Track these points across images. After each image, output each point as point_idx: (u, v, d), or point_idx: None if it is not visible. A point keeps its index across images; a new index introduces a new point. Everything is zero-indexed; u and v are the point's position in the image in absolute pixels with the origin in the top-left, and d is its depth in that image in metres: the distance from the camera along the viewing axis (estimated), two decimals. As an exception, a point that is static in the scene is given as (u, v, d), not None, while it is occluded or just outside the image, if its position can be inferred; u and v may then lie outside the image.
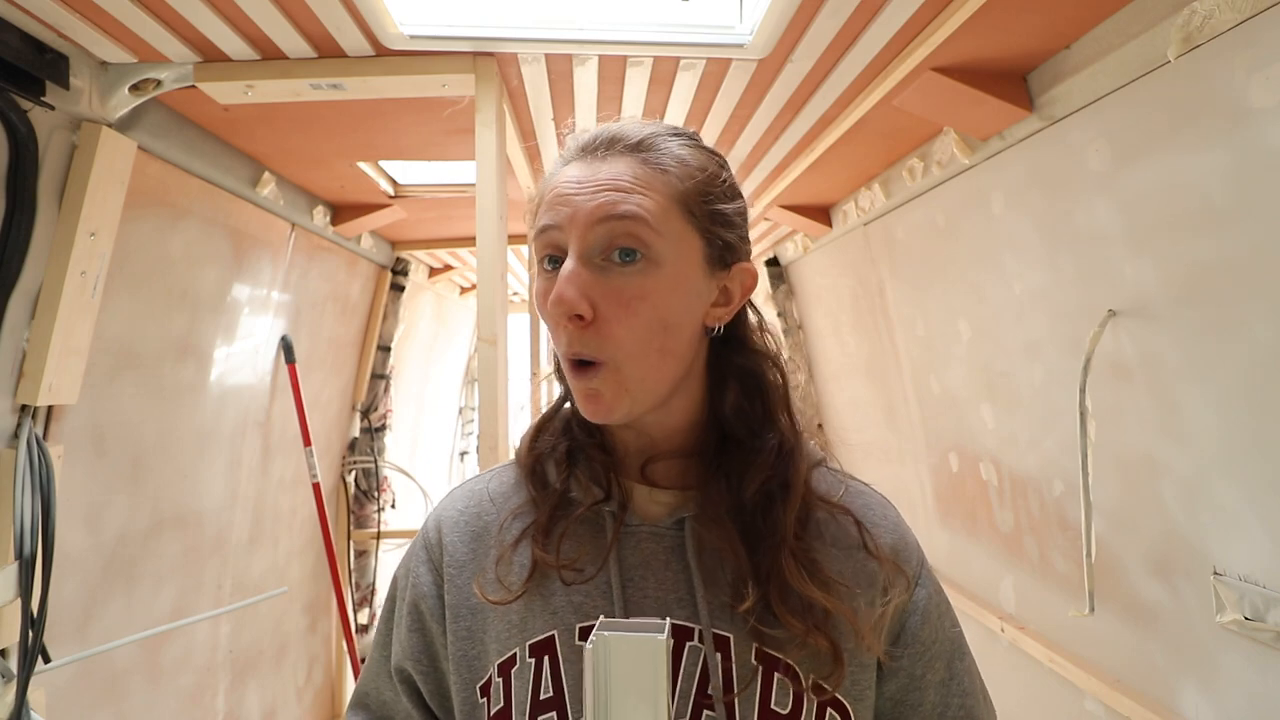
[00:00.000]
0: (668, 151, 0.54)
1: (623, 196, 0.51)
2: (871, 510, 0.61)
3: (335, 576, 2.37)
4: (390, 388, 2.90)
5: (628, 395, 0.53)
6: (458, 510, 0.63)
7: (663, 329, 0.52)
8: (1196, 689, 1.08)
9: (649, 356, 0.52)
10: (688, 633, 0.53)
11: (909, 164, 1.58)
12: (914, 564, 0.59)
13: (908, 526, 0.62)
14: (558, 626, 0.54)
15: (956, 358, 1.62)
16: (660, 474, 0.59)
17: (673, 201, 0.53)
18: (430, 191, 2.07)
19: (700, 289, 0.55)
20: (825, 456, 0.64)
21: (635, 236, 0.51)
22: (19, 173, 1.05)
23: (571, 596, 0.55)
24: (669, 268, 0.52)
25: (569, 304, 0.50)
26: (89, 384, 1.24)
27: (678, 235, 0.53)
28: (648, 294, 0.51)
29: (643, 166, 0.53)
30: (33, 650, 1.08)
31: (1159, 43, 0.88)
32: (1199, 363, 0.97)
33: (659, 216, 0.52)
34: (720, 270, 0.56)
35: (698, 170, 0.55)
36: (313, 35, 1.11)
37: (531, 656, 0.53)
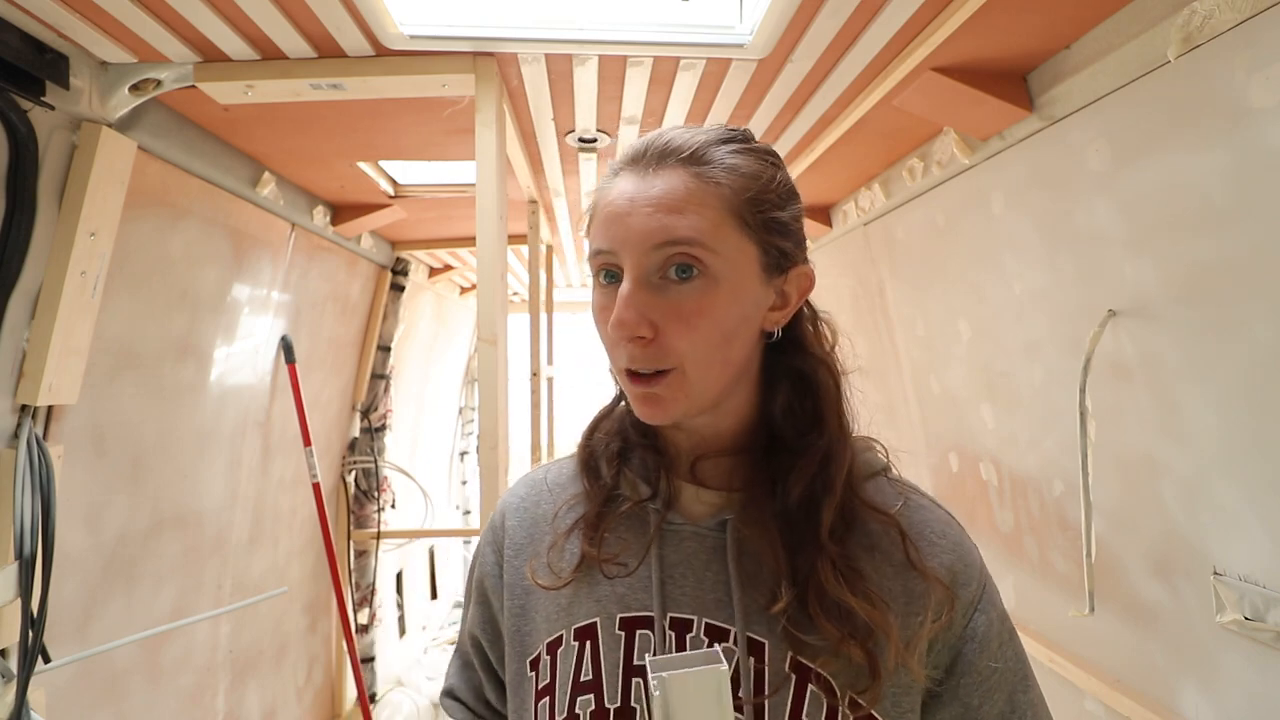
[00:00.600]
0: (720, 162, 0.53)
1: (676, 219, 0.51)
2: (929, 527, 0.57)
3: (335, 576, 2.37)
4: (390, 388, 2.90)
5: (686, 399, 0.54)
6: (519, 498, 0.68)
7: (724, 341, 0.53)
8: (1196, 689, 1.08)
9: (713, 367, 0.53)
10: (723, 634, 0.54)
11: (909, 164, 1.58)
12: (973, 588, 0.55)
13: (972, 547, 0.58)
14: (601, 614, 0.57)
15: (956, 358, 1.62)
16: (708, 473, 0.59)
17: (726, 215, 0.52)
18: (430, 191, 2.07)
19: (758, 297, 0.55)
20: (887, 466, 0.61)
21: (691, 255, 0.51)
22: (19, 173, 1.05)
23: (615, 587, 0.57)
24: (726, 281, 0.52)
25: (630, 326, 0.51)
26: (89, 384, 1.24)
27: (733, 248, 0.52)
28: (706, 309, 0.52)
29: (695, 180, 0.52)
30: (33, 650, 1.08)
31: (1159, 43, 0.88)
32: (1199, 363, 0.97)
33: (713, 234, 0.51)
34: (777, 276, 0.56)
35: (751, 179, 0.54)
36: (313, 35, 1.11)
37: (576, 640, 0.57)
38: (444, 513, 4.02)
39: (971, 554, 0.57)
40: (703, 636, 0.54)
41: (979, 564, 0.57)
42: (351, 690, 2.70)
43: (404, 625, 3.39)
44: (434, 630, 3.94)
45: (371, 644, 2.83)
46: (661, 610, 0.55)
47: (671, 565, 0.57)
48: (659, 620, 0.55)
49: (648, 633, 0.55)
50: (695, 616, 0.55)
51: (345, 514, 2.70)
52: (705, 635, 0.54)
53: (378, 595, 2.89)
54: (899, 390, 2.00)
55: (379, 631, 2.91)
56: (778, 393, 0.59)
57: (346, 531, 2.69)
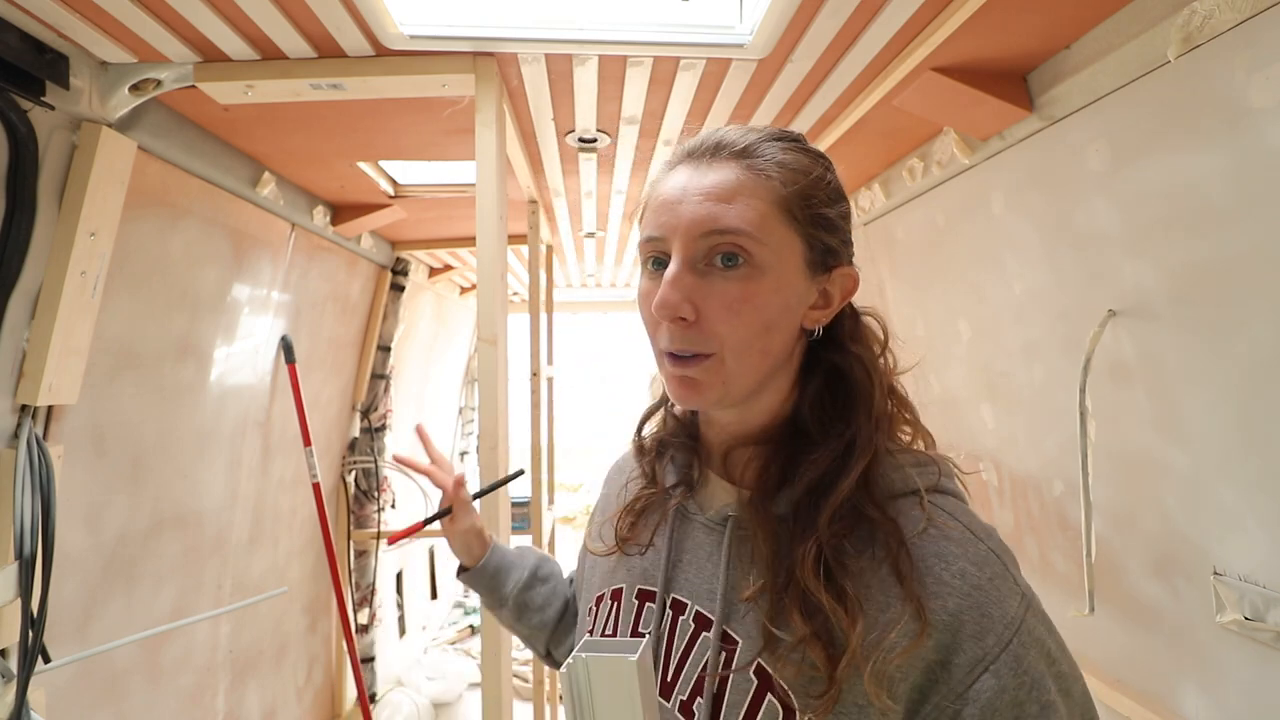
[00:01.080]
0: (770, 157, 0.55)
1: (724, 209, 0.53)
2: (946, 561, 0.50)
3: (335, 576, 2.37)
4: (390, 388, 2.90)
5: (722, 386, 0.56)
6: (612, 466, 0.81)
7: (765, 330, 0.54)
8: (1196, 689, 1.08)
9: (751, 355, 0.55)
10: (708, 624, 0.57)
11: (909, 164, 1.58)
12: (988, 643, 0.47)
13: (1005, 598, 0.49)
14: (627, 581, 0.65)
15: (956, 358, 1.62)
16: (735, 464, 0.62)
17: (774, 207, 0.54)
18: (430, 191, 2.07)
19: (801, 292, 0.56)
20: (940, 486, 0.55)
21: (738, 245, 0.53)
22: (19, 173, 1.05)
23: (642, 562, 0.65)
24: (771, 272, 0.54)
25: (672, 307, 0.53)
26: (89, 384, 1.24)
27: (779, 240, 0.54)
28: (750, 297, 0.53)
29: (746, 173, 0.54)
30: (33, 650, 1.08)
31: (1159, 43, 0.88)
32: (1199, 362, 0.97)
33: (760, 224, 0.53)
34: (821, 274, 0.57)
35: (801, 174, 0.55)
36: (313, 35, 1.11)
37: (610, 600, 0.66)
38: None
39: (998, 605, 0.48)
40: (691, 622, 0.58)
41: (1009, 620, 0.48)
42: (351, 690, 2.70)
43: (404, 625, 3.39)
44: (434, 630, 3.94)
45: (371, 644, 2.83)
46: (664, 590, 0.61)
47: (681, 551, 0.62)
48: (660, 597, 0.61)
49: (653, 606, 0.62)
50: (690, 602, 0.59)
51: (345, 514, 2.70)
52: (694, 621, 0.58)
53: (378, 595, 2.89)
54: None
55: (379, 631, 2.91)
56: (809, 388, 0.59)
57: (346, 531, 2.69)
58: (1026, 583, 0.51)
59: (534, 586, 0.86)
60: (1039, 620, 0.50)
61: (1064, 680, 0.49)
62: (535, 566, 0.88)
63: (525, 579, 0.86)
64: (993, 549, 0.51)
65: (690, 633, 0.58)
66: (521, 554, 0.90)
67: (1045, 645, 0.49)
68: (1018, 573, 0.51)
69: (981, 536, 0.52)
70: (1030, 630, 0.49)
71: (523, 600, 0.85)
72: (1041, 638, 0.49)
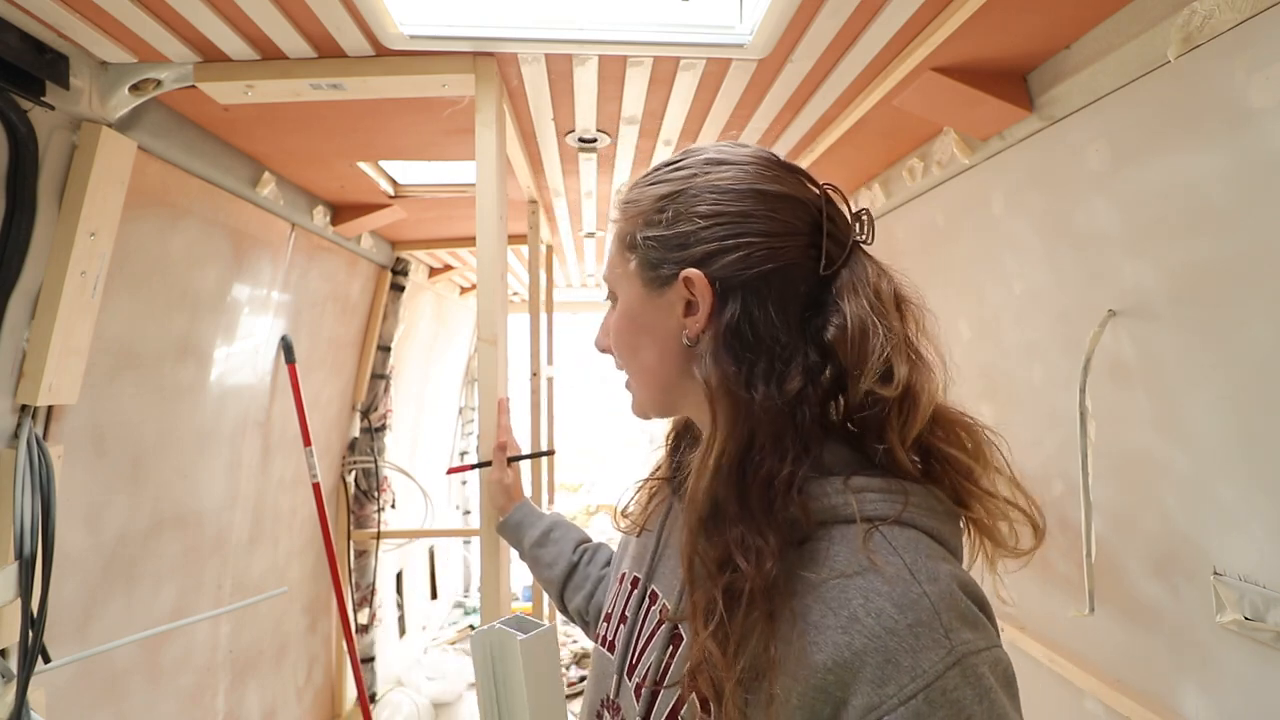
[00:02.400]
0: (625, 201, 0.63)
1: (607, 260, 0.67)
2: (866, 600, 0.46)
3: (335, 576, 2.37)
4: (390, 388, 2.90)
5: (637, 402, 0.66)
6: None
7: (631, 350, 0.64)
8: (1196, 689, 1.08)
9: (635, 374, 0.65)
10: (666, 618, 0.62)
11: (909, 164, 1.58)
12: (888, 690, 0.43)
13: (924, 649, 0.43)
14: (629, 566, 0.72)
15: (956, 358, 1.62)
16: None
17: (616, 245, 0.64)
18: (430, 191, 2.07)
19: (651, 309, 0.60)
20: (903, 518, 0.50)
21: (608, 290, 0.66)
22: (19, 173, 1.05)
23: (641, 549, 0.71)
24: (621, 300, 0.64)
25: (595, 343, 0.69)
26: (89, 384, 1.24)
27: (621, 272, 0.63)
28: (612, 325, 0.65)
29: (613, 225, 0.65)
30: (33, 650, 1.08)
31: (1159, 43, 0.88)
32: (1199, 362, 0.97)
33: (609, 266, 0.65)
34: (663, 286, 0.59)
35: (638, 205, 0.61)
36: (313, 35, 1.11)
37: (618, 582, 0.73)
38: (444, 513, 4.02)
39: (910, 655, 0.43)
40: (658, 613, 0.63)
41: (919, 672, 0.42)
42: (351, 690, 2.70)
43: (404, 625, 3.39)
44: (434, 630, 3.94)
45: (371, 644, 2.83)
46: (646, 579, 0.67)
47: (667, 545, 0.68)
48: (642, 585, 0.67)
49: (636, 592, 0.67)
50: (661, 594, 0.64)
51: (345, 514, 2.70)
52: (659, 613, 0.63)
53: (378, 595, 2.89)
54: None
55: (379, 631, 2.91)
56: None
57: (346, 531, 2.69)
58: (974, 640, 0.45)
59: (543, 545, 0.99)
60: (969, 684, 0.43)
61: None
62: (548, 528, 1.01)
63: (537, 537, 1.00)
64: (928, 594, 0.45)
65: (655, 623, 0.63)
66: (542, 516, 1.04)
67: (966, 712, 0.42)
68: (960, 626, 0.44)
69: (921, 579, 0.46)
70: (947, 691, 0.42)
71: (534, 555, 1.00)
72: (962, 703, 0.42)
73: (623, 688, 0.64)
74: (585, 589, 0.92)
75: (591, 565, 0.95)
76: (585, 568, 0.95)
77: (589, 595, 0.91)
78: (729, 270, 0.54)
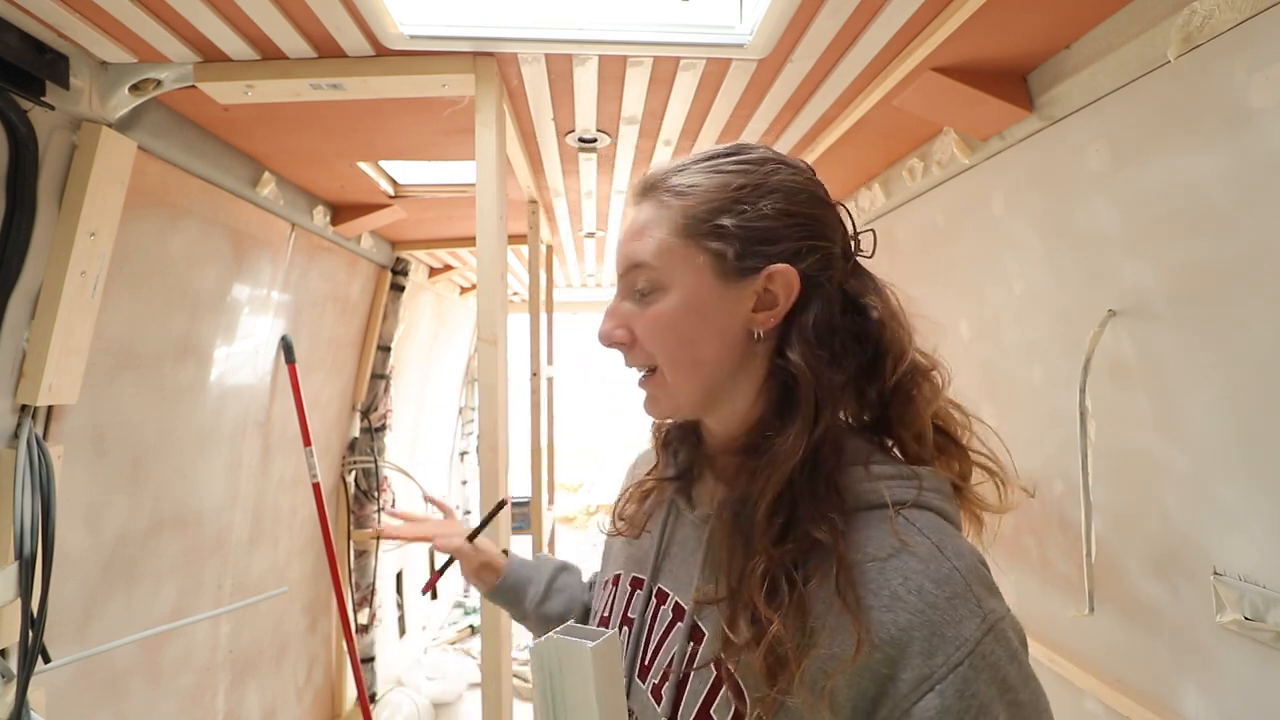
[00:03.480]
0: (675, 186, 0.59)
1: (635, 245, 0.60)
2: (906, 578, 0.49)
3: (335, 576, 2.37)
4: (390, 388, 2.90)
5: (669, 399, 0.61)
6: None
7: (688, 343, 0.59)
8: (1196, 689, 1.08)
9: (682, 368, 0.59)
10: (681, 615, 0.61)
11: (909, 164, 1.58)
12: (936, 661, 0.46)
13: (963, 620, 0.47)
14: (624, 568, 0.71)
15: (956, 358, 1.62)
16: (721, 468, 0.65)
17: (672, 233, 0.58)
18: (430, 191, 2.07)
19: (721, 301, 0.58)
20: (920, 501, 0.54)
21: (644, 277, 0.59)
22: (19, 173, 1.05)
23: (637, 550, 0.70)
24: (677, 290, 0.58)
25: (604, 335, 0.63)
26: (89, 384, 1.24)
27: (680, 261, 0.58)
28: (660, 317, 0.59)
29: (652, 207, 0.60)
30: (33, 650, 1.08)
31: (1159, 43, 0.88)
32: (1199, 362, 0.97)
33: (657, 252, 0.59)
34: (743, 279, 0.57)
35: (707, 192, 0.58)
36: (313, 35, 1.11)
37: (612, 585, 0.72)
38: (444, 513, 4.02)
39: (953, 625, 0.47)
40: (670, 611, 0.62)
41: (962, 640, 0.47)
42: (351, 690, 2.70)
43: (404, 625, 3.39)
44: (434, 630, 3.94)
45: (371, 644, 2.83)
46: (651, 579, 0.66)
47: (671, 544, 0.67)
48: (647, 586, 0.66)
49: (641, 593, 0.66)
50: (671, 592, 0.63)
51: (345, 514, 2.70)
52: (671, 611, 0.62)
53: (378, 595, 2.89)
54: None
55: (379, 631, 2.91)
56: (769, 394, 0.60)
57: (346, 531, 2.69)
58: (997, 607, 0.49)
59: (549, 599, 0.90)
60: (1001, 646, 0.48)
61: (1019, 710, 0.47)
62: (550, 578, 0.91)
63: (541, 592, 0.90)
64: (958, 569, 0.49)
65: (668, 622, 0.62)
66: (539, 566, 0.93)
67: (1002, 672, 0.47)
68: (986, 595, 0.49)
69: (950, 555, 0.50)
70: (986, 655, 0.47)
71: (541, 613, 0.89)
72: (998, 664, 0.47)
73: (635, 690, 0.63)
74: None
75: None
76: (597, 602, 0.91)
77: None
78: (811, 270, 0.58)
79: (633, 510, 0.72)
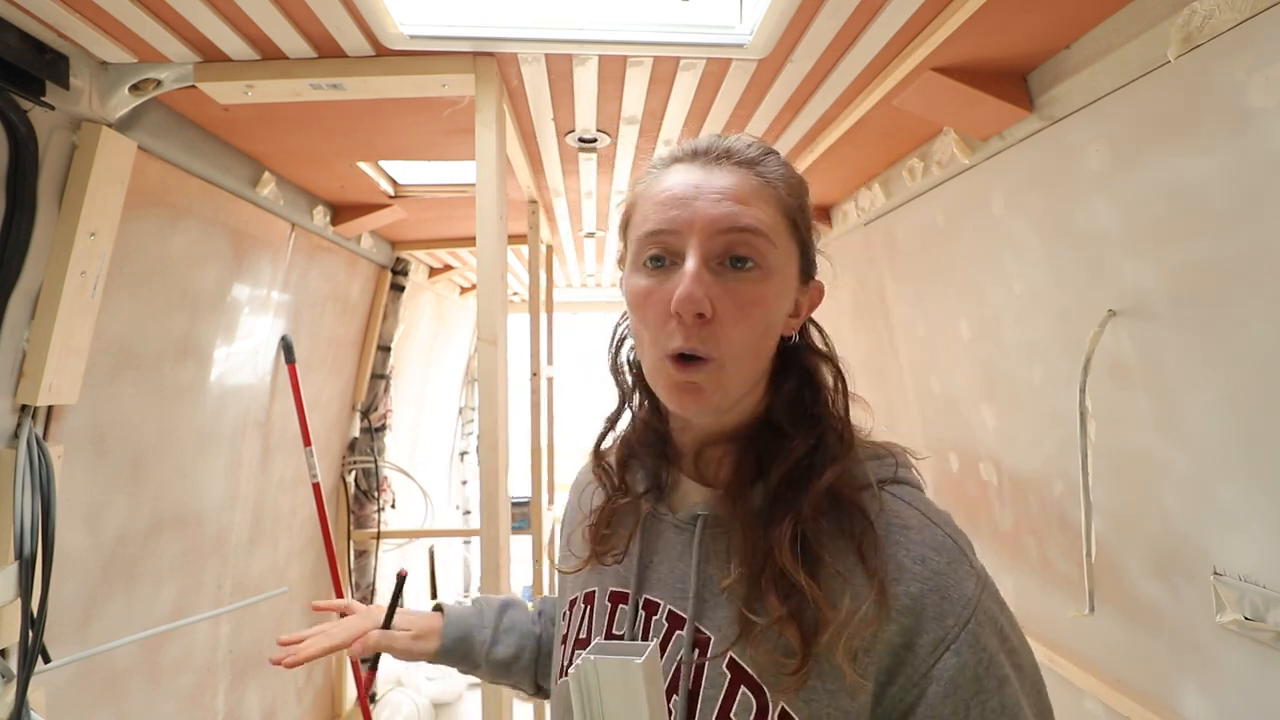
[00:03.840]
0: (774, 168, 0.58)
1: (742, 209, 0.54)
2: (907, 549, 0.52)
3: (335, 576, 2.37)
4: (390, 388, 2.90)
5: (722, 391, 0.55)
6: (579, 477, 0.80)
7: (765, 333, 0.57)
8: (1196, 689, 1.08)
9: (748, 358, 0.56)
10: (681, 622, 0.58)
11: (909, 164, 1.58)
12: (949, 623, 0.49)
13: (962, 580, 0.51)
14: (599, 585, 0.66)
15: (956, 358, 1.62)
16: (708, 464, 0.63)
17: (782, 215, 0.57)
18: (430, 191, 2.07)
19: (792, 299, 0.60)
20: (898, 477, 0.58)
21: (753, 246, 0.54)
22: (19, 173, 1.05)
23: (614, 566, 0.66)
24: (777, 276, 0.56)
25: (696, 302, 0.52)
26: (89, 384, 1.24)
27: (785, 248, 0.57)
28: (760, 300, 0.55)
29: (756, 179, 0.56)
30: (33, 650, 1.08)
31: (1159, 43, 0.88)
32: (1199, 362, 0.97)
33: (773, 229, 0.55)
34: (804, 284, 0.61)
35: (799, 188, 0.60)
36: (313, 35, 1.11)
37: (584, 603, 0.67)
38: (444, 513, 4.02)
39: (956, 587, 0.51)
40: (664, 621, 0.59)
41: (966, 599, 0.50)
42: (351, 690, 2.70)
43: (404, 625, 3.38)
44: (434, 630, 3.93)
45: (371, 644, 2.82)
46: (637, 591, 0.62)
47: (652, 553, 0.63)
48: (633, 599, 0.62)
49: (625, 608, 0.63)
50: (662, 601, 0.60)
51: (345, 514, 2.70)
52: (666, 620, 0.59)
53: (378, 595, 2.89)
54: (899, 390, 2.00)
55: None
56: (784, 388, 0.61)
57: (346, 531, 2.69)
58: (981, 564, 0.54)
59: (499, 642, 0.83)
60: (992, 599, 0.52)
61: (1015, 655, 0.52)
62: (496, 621, 0.85)
63: (489, 638, 0.83)
64: (949, 534, 0.54)
65: (664, 631, 0.59)
66: (481, 612, 0.86)
67: (998, 623, 0.52)
68: (973, 555, 0.54)
69: (939, 523, 0.54)
70: (985, 609, 0.51)
71: (493, 660, 0.83)
72: (995, 615, 0.52)
73: None
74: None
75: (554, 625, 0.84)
76: (549, 629, 0.86)
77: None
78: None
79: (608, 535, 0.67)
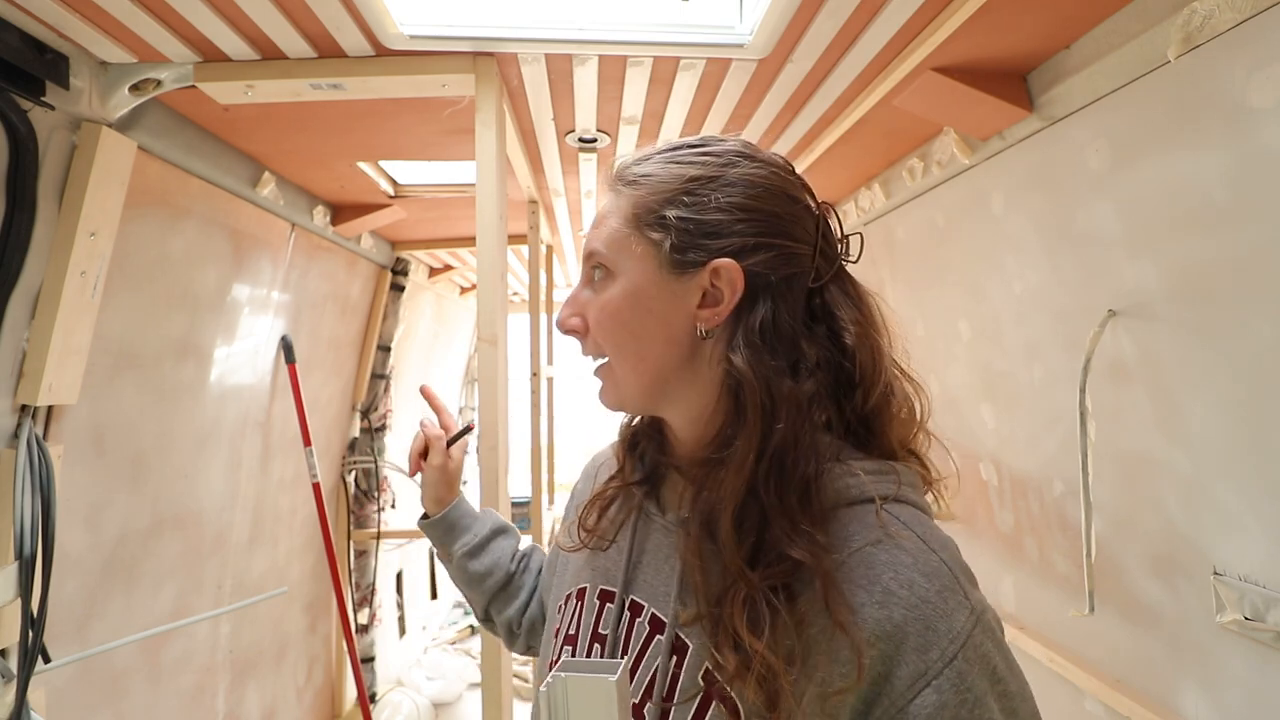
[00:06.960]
0: (634, 175, 0.59)
1: (595, 233, 0.60)
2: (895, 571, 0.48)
3: (335, 576, 2.37)
4: (390, 388, 2.90)
5: (615, 390, 0.61)
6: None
7: (630, 336, 0.58)
8: (1196, 689, 1.08)
9: (626, 359, 0.58)
10: (660, 627, 0.57)
11: (909, 164, 1.58)
12: (932, 656, 0.46)
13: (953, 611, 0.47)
14: (589, 581, 0.65)
15: (956, 358, 1.62)
16: (691, 477, 0.59)
17: (625, 222, 0.58)
18: (430, 191, 2.07)
19: (662, 294, 0.56)
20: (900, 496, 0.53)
21: (599, 261, 0.59)
22: (19, 173, 1.05)
23: (605, 560, 0.65)
24: (622, 278, 0.57)
25: (560, 321, 0.62)
26: (89, 384, 1.24)
27: (630, 250, 0.57)
28: (605, 304, 0.58)
29: (613, 196, 0.60)
30: (33, 650, 1.08)
31: (1159, 43, 0.88)
32: (1199, 362, 0.97)
33: (610, 240, 0.58)
34: (687, 271, 0.55)
35: (661, 182, 0.57)
36: (313, 35, 1.11)
37: (575, 600, 0.66)
38: (444, 513, 4.01)
39: (945, 619, 0.47)
40: (647, 624, 0.58)
41: (954, 634, 0.46)
42: (351, 690, 2.70)
43: (404, 625, 3.39)
44: (434, 630, 3.94)
45: (371, 644, 2.83)
46: (624, 590, 0.61)
47: (642, 551, 0.63)
48: (619, 598, 0.61)
49: (612, 606, 0.62)
50: (647, 604, 0.59)
51: (345, 514, 2.70)
52: (649, 624, 0.58)
53: (378, 595, 2.89)
54: (899, 390, 1.99)
55: (379, 631, 2.91)
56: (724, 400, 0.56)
57: (346, 531, 2.69)
58: (981, 598, 0.50)
59: (478, 555, 0.87)
60: (987, 636, 0.48)
61: (1009, 700, 0.47)
62: (488, 536, 0.89)
63: (472, 545, 0.87)
64: (945, 561, 0.49)
65: (645, 635, 0.58)
66: (481, 519, 0.91)
67: (991, 663, 0.47)
68: (971, 587, 0.49)
69: (935, 548, 0.50)
70: (976, 646, 0.47)
71: (463, 565, 0.87)
72: (988, 654, 0.47)
73: None
74: (519, 599, 0.86)
75: (527, 574, 0.89)
76: (521, 576, 0.88)
77: (523, 606, 0.86)
78: (760, 267, 0.55)
79: (594, 521, 0.66)
